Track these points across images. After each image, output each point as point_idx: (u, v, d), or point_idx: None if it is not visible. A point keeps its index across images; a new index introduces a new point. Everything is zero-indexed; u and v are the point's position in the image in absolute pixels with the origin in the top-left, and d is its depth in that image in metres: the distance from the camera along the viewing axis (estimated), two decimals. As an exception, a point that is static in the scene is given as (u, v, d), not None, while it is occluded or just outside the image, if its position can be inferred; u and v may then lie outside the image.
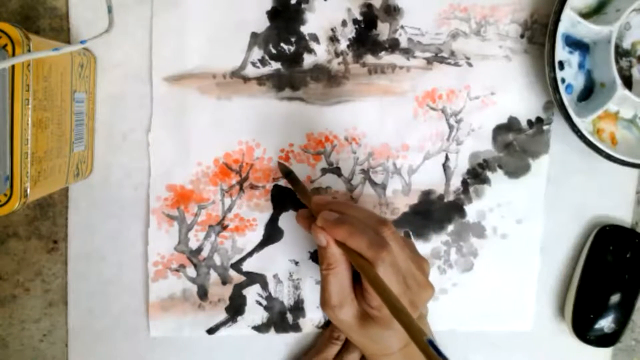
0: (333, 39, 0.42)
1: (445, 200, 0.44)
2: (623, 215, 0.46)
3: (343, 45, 0.42)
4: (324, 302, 0.36)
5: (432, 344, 0.25)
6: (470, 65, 0.43)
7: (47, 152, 0.33)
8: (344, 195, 0.43)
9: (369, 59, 0.42)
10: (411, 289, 0.34)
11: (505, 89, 0.44)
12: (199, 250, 0.43)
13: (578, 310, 0.45)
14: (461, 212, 0.45)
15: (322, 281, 0.36)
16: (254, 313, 0.44)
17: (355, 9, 0.42)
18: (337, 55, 0.42)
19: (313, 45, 0.42)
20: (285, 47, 0.42)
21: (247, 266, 0.43)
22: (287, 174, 0.41)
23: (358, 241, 0.33)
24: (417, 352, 0.37)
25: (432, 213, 0.44)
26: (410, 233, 0.44)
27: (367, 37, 0.42)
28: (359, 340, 0.37)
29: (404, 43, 0.43)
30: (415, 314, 0.34)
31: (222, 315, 0.43)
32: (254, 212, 0.43)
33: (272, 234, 0.43)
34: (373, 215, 0.36)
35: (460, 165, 0.44)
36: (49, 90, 0.33)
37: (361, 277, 0.34)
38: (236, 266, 0.43)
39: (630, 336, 0.48)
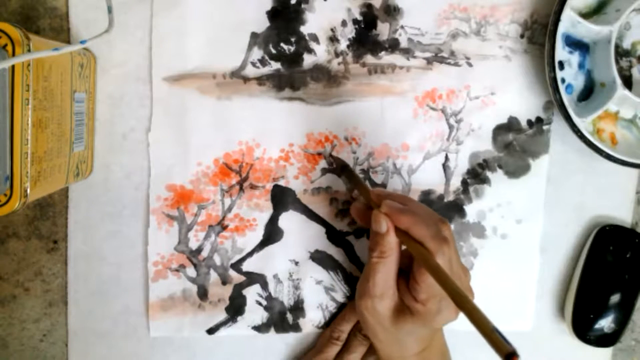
0: (333, 39, 0.42)
1: (445, 200, 0.44)
2: (623, 215, 0.46)
3: (343, 45, 0.42)
4: (366, 291, 0.35)
5: (498, 332, 0.24)
6: (470, 65, 0.43)
7: (47, 152, 0.33)
8: (343, 195, 0.43)
9: (369, 59, 0.42)
10: None
11: (505, 89, 0.44)
12: (199, 250, 0.43)
13: (578, 310, 0.45)
14: (461, 212, 0.45)
15: (369, 269, 0.35)
16: (254, 313, 0.44)
17: (355, 9, 0.42)
18: (337, 55, 0.42)
19: (313, 45, 0.42)
20: (285, 47, 0.42)
21: (247, 266, 0.43)
22: (343, 167, 0.41)
23: (422, 231, 0.33)
24: (433, 357, 0.37)
25: (432, 213, 0.44)
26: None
27: (367, 37, 0.42)
28: (381, 338, 0.36)
29: (404, 43, 0.43)
30: (456, 314, 0.34)
31: (222, 315, 0.43)
32: (254, 212, 0.43)
33: (272, 234, 0.43)
34: (433, 213, 0.35)
35: (460, 165, 0.44)
36: (49, 90, 0.33)
37: (413, 269, 0.33)
38: (236, 266, 0.43)
39: (630, 336, 0.48)
